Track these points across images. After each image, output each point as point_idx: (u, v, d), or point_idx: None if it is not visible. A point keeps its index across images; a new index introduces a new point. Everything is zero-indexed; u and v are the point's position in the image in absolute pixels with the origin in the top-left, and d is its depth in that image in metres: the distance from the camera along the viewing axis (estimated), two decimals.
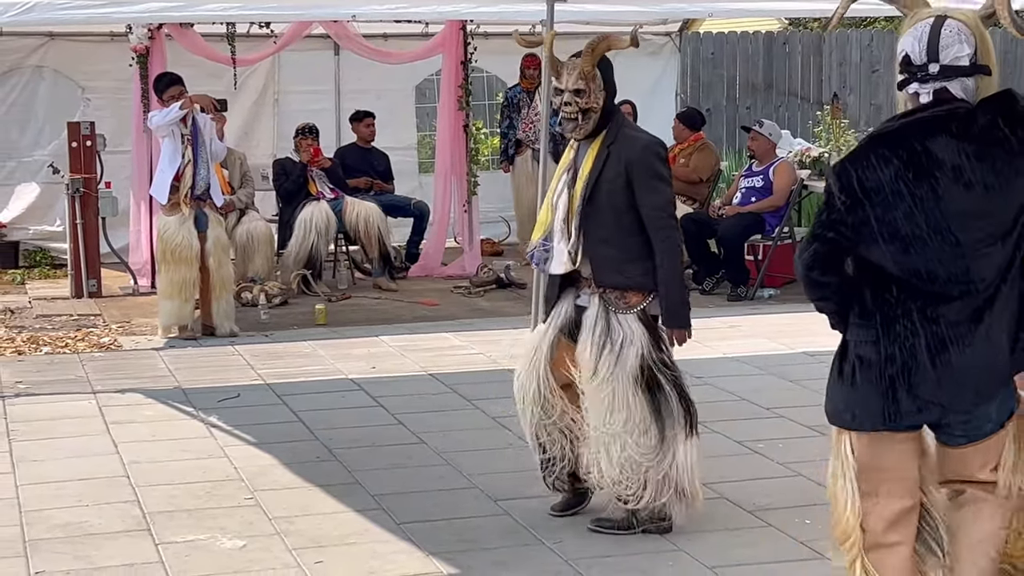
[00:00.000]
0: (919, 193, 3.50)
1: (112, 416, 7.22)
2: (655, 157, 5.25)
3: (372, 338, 9.22)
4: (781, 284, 11.05)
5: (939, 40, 3.57)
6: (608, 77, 5.35)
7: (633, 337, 5.23)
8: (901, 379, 3.60)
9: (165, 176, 9.09)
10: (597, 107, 5.30)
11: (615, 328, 5.24)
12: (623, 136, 5.30)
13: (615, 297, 5.27)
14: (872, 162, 3.55)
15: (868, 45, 16.78)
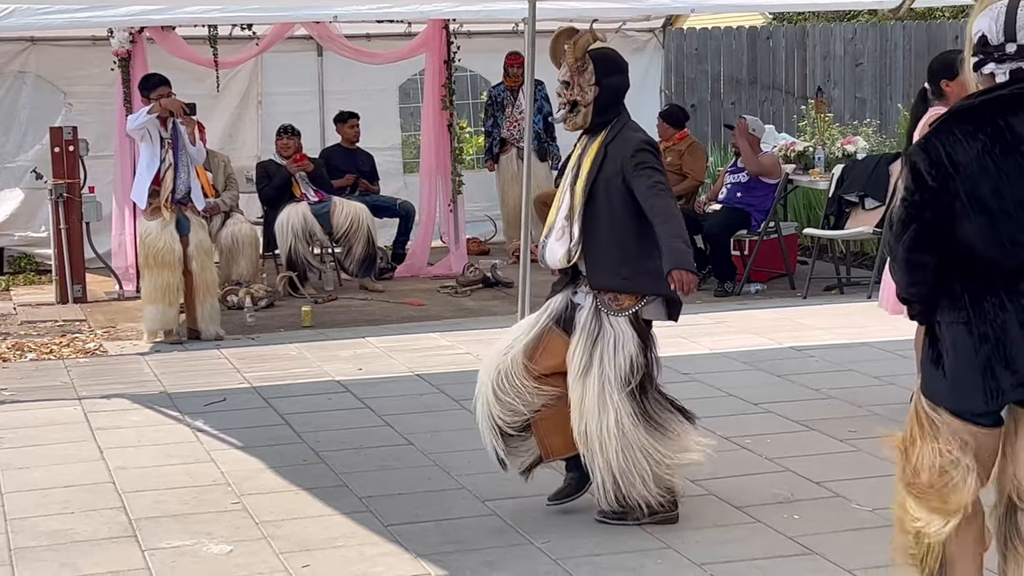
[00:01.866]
0: (1006, 168, 3.53)
1: (98, 422, 7.18)
2: (646, 153, 5.25)
3: (359, 339, 9.20)
4: (767, 279, 11.06)
5: (1016, 21, 3.59)
6: (605, 72, 5.33)
7: (624, 340, 5.24)
8: (997, 355, 3.60)
9: (143, 180, 9.07)
10: (585, 101, 5.31)
11: (606, 329, 5.25)
12: (620, 137, 5.31)
13: (609, 299, 5.28)
14: (958, 137, 3.58)
15: (852, 39, 16.78)
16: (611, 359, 5.22)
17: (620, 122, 5.36)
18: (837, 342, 8.76)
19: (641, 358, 5.27)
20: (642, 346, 5.28)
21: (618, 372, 5.21)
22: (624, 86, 5.42)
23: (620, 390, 5.22)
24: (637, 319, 5.28)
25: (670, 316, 5.40)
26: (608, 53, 5.43)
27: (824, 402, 7.28)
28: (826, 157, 11.40)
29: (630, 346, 5.24)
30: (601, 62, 5.34)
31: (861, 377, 7.79)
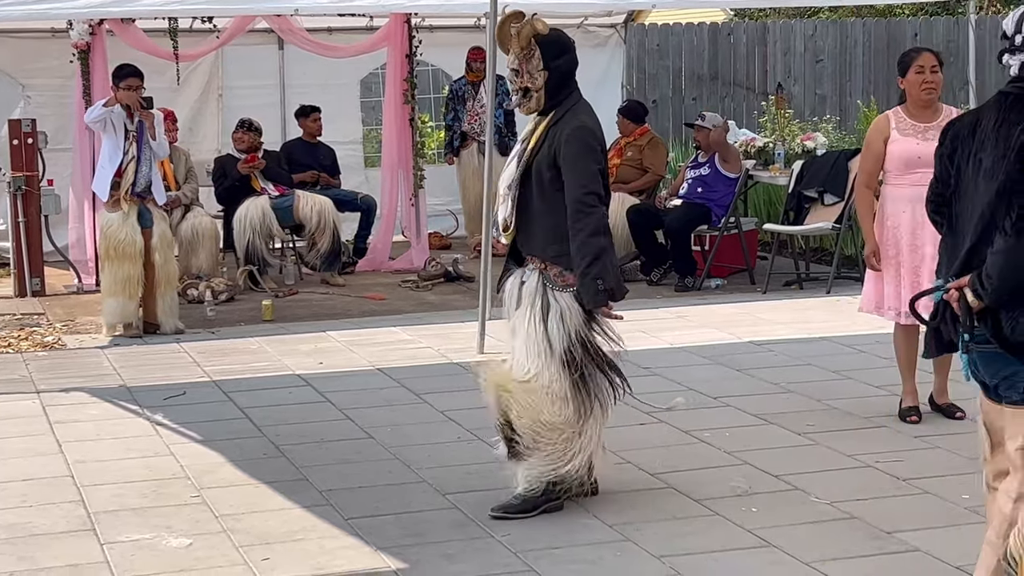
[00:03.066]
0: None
1: (56, 415, 7.15)
2: (580, 141, 5.28)
3: (319, 333, 9.19)
4: (727, 274, 11.11)
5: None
6: (553, 55, 5.37)
7: (570, 314, 5.31)
8: None
9: (105, 172, 9.02)
10: (535, 86, 5.37)
11: (552, 304, 5.33)
12: (565, 118, 5.36)
13: (554, 275, 5.35)
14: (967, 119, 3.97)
15: (812, 35, 16.87)
16: (557, 333, 5.31)
17: (569, 103, 5.40)
18: (796, 337, 8.81)
19: (586, 333, 5.34)
20: (588, 321, 5.35)
21: (563, 346, 5.29)
22: (573, 65, 5.46)
23: (562, 365, 5.29)
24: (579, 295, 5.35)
25: (610, 297, 5.38)
26: (553, 36, 5.47)
27: (783, 396, 7.32)
28: (786, 153, 11.46)
29: (576, 320, 5.31)
30: (548, 46, 5.39)
31: (819, 371, 7.85)
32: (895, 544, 5.08)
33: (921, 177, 6.37)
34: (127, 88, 8.92)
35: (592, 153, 5.30)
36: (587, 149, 5.29)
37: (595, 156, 5.31)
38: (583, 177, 5.25)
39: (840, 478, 5.89)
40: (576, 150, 5.27)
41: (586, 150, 5.28)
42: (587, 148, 5.29)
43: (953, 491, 5.60)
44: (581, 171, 5.25)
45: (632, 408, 7.04)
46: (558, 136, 5.31)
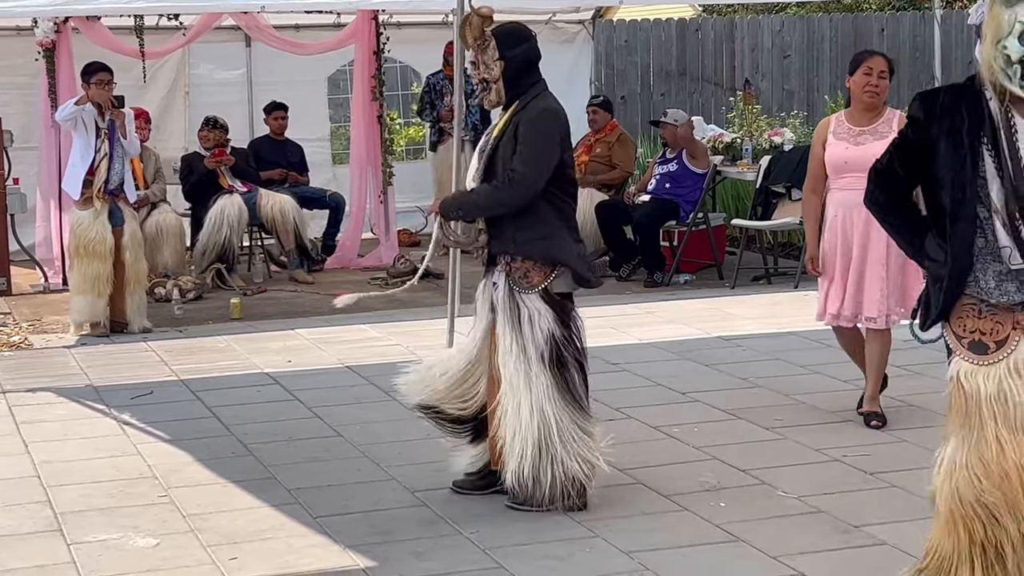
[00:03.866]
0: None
1: (22, 416, 7.11)
2: (536, 122, 5.30)
3: (288, 331, 9.17)
4: (696, 270, 11.13)
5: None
6: (507, 45, 5.37)
7: (539, 316, 5.32)
8: None
9: (77, 171, 8.97)
10: (492, 77, 5.39)
11: (521, 307, 5.35)
12: (529, 106, 5.37)
13: (519, 276, 5.37)
14: None
15: (779, 31, 16.92)
16: (531, 336, 5.31)
17: (534, 92, 5.40)
18: (764, 331, 8.84)
19: (560, 331, 5.34)
20: (559, 319, 5.35)
21: (538, 348, 5.30)
22: (531, 54, 5.45)
23: (540, 366, 5.30)
24: (548, 294, 5.36)
25: (579, 283, 5.43)
26: (509, 27, 5.49)
27: (751, 391, 7.34)
28: (754, 148, 11.49)
29: (546, 321, 5.32)
30: (502, 36, 5.40)
31: (788, 366, 7.87)
32: (862, 538, 5.10)
33: (851, 182, 6.41)
34: (98, 84, 8.89)
35: (546, 134, 5.30)
36: (547, 134, 5.31)
37: (552, 144, 5.31)
38: (530, 152, 5.26)
39: (808, 472, 5.91)
40: (530, 130, 5.29)
41: (543, 134, 5.30)
42: (547, 133, 5.31)
43: (920, 485, 5.58)
44: (534, 149, 5.27)
45: (600, 404, 7.06)
46: (520, 120, 5.33)
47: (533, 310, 5.33)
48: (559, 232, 5.36)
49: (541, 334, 5.31)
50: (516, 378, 5.33)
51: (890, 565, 4.83)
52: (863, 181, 6.18)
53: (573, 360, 5.38)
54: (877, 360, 6.62)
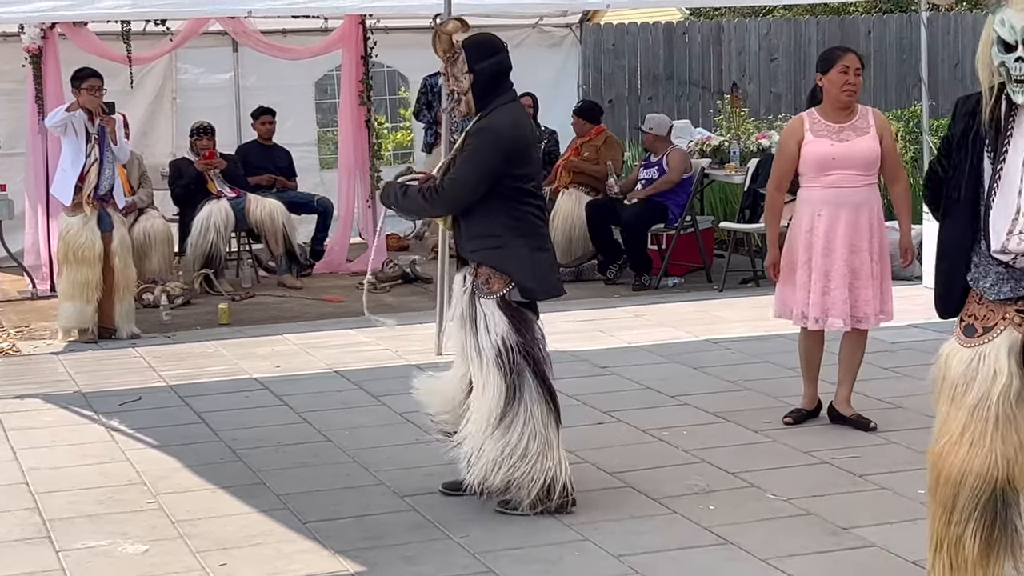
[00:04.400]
0: None
1: (10, 422, 7.09)
2: (477, 138, 5.35)
3: (276, 336, 9.15)
4: (684, 273, 11.14)
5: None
6: (477, 58, 5.40)
7: (494, 321, 5.37)
8: None
9: (68, 176, 8.96)
10: (462, 89, 5.43)
11: (479, 311, 5.40)
12: (480, 120, 5.42)
13: (482, 281, 5.43)
14: None
15: (766, 34, 16.95)
16: (486, 340, 5.37)
17: (496, 104, 5.43)
18: (753, 334, 8.85)
19: (514, 338, 5.37)
20: (514, 327, 5.38)
21: (493, 352, 5.35)
22: (501, 67, 5.47)
23: (495, 371, 5.34)
24: (505, 302, 5.39)
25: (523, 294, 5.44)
26: (480, 39, 5.51)
27: (740, 393, 7.35)
28: (741, 151, 11.50)
29: (500, 327, 5.36)
30: (472, 49, 5.42)
31: (776, 368, 7.88)
32: (851, 539, 5.10)
33: (837, 179, 6.40)
34: (88, 89, 8.88)
35: (487, 155, 5.32)
36: (482, 150, 5.33)
37: (489, 159, 5.32)
38: (463, 170, 5.34)
39: (797, 475, 5.92)
40: (472, 150, 5.34)
41: (481, 151, 5.33)
42: (483, 149, 5.33)
43: (908, 486, 5.64)
44: (467, 165, 5.34)
45: (590, 407, 7.08)
46: (467, 135, 5.43)
47: (489, 315, 5.38)
48: (512, 242, 5.38)
49: (495, 339, 5.35)
50: (477, 381, 5.42)
51: (880, 567, 4.85)
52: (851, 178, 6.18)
53: (529, 368, 5.39)
54: (859, 361, 6.62)
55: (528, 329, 5.42)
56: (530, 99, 12.39)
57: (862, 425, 6.53)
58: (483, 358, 5.37)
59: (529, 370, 5.39)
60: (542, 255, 5.47)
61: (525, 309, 5.44)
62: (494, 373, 5.35)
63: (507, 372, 5.34)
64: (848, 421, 6.58)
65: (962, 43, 17.13)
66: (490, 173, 5.32)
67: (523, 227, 5.41)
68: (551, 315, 9.52)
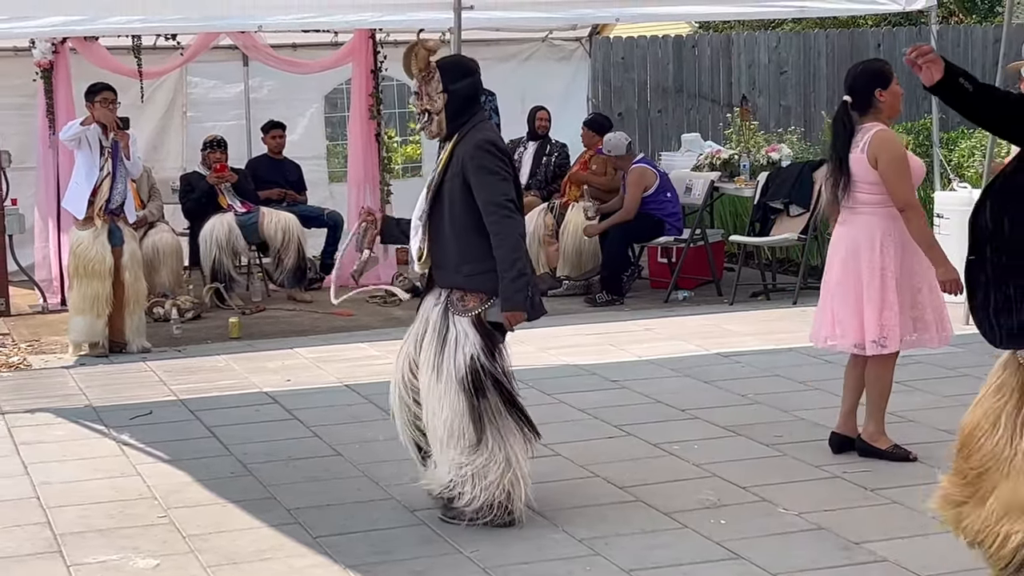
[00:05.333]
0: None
1: (21, 436, 7.10)
2: (485, 153, 5.34)
3: (287, 350, 9.16)
4: (694, 286, 11.13)
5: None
6: (452, 79, 5.43)
7: (465, 340, 5.37)
8: None
9: (82, 190, 8.97)
10: (435, 109, 5.45)
11: (451, 329, 5.40)
12: (466, 138, 5.42)
13: (456, 299, 5.43)
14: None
15: (776, 47, 16.95)
16: (452, 357, 5.37)
17: (471, 123, 5.45)
18: (763, 348, 8.84)
19: (484, 359, 5.37)
20: (486, 348, 5.39)
21: (457, 371, 5.35)
22: (474, 89, 5.50)
23: (458, 389, 5.34)
24: (480, 321, 5.40)
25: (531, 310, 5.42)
26: (455, 60, 5.59)
27: (750, 407, 7.34)
28: (751, 165, 11.50)
29: (471, 347, 5.36)
30: (447, 70, 5.46)
31: (787, 382, 7.87)
32: (863, 554, 5.09)
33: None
34: (102, 102, 8.91)
35: (500, 162, 5.34)
36: (495, 158, 5.34)
37: (502, 166, 5.34)
38: (496, 185, 5.30)
39: (808, 489, 5.90)
40: (483, 162, 5.32)
41: (494, 159, 5.33)
42: (494, 158, 5.34)
43: (920, 501, 5.61)
44: (491, 181, 5.30)
45: (600, 421, 7.07)
46: (461, 153, 5.38)
47: (461, 333, 5.38)
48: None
49: (462, 358, 5.35)
50: (426, 392, 5.44)
51: None
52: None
53: (493, 388, 5.39)
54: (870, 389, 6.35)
55: (497, 350, 5.43)
56: (545, 113, 12.42)
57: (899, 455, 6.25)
58: (444, 375, 5.35)
59: (496, 393, 5.38)
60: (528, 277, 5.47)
61: (496, 331, 5.43)
62: (456, 392, 5.33)
63: (471, 393, 5.34)
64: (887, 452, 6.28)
65: (972, 55, 17.12)
66: (510, 178, 5.36)
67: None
68: (561, 329, 9.61)
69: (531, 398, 7.62)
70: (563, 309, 10.50)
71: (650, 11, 11.90)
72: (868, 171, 6.07)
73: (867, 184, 6.09)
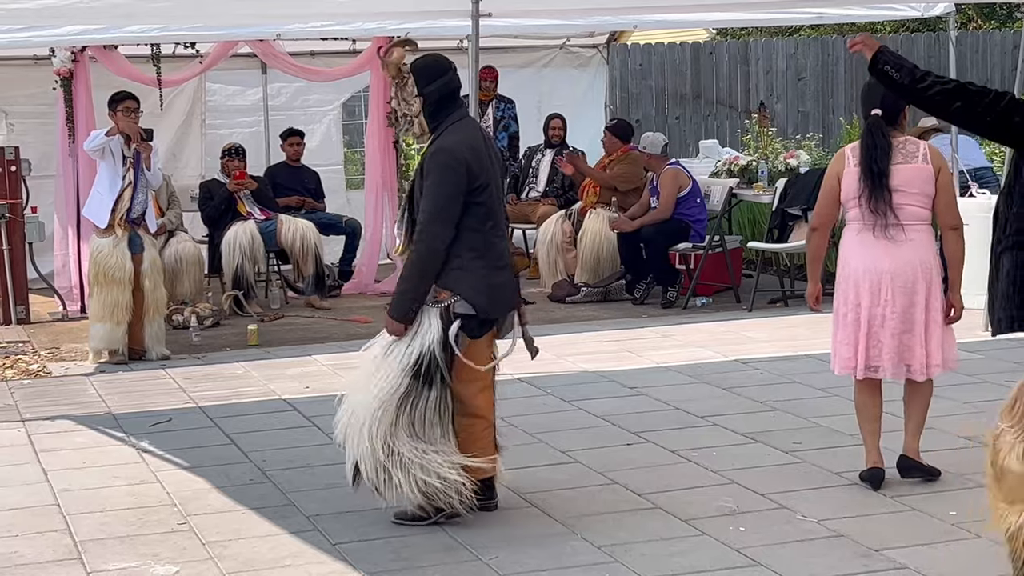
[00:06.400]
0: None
1: (42, 444, 7.13)
2: (433, 161, 5.44)
3: (305, 357, 9.18)
4: (713, 292, 11.12)
5: None
6: (425, 82, 5.52)
7: (427, 329, 5.45)
8: None
9: (104, 199, 9.01)
10: (412, 112, 5.55)
11: (419, 318, 5.48)
12: (435, 142, 5.52)
13: (432, 289, 5.49)
14: None
15: (794, 53, 16.93)
16: (407, 342, 5.45)
17: (445, 124, 5.53)
18: (782, 354, 8.83)
19: (440, 351, 5.44)
20: (444, 341, 5.44)
21: (409, 356, 5.42)
22: (448, 88, 5.56)
23: (400, 371, 5.41)
24: (448, 312, 5.46)
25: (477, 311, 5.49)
26: (427, 62, 5.62)
27: (769, 414, 7.33)
28: (769, 171, 11.49)
29: (429, 337, 5.44)
30: (420, 73, 5.55)
31: (805, 389, 7.86)
32: (882, 561, 5.08)
33: None
34: (124, 112, 8.96)
35: (442, 172, 5.39)
36: (439, 167, 5.40)
37: (450, 176, 5.39)
38: (431, 194, 5.40)
39: (827, 496, 5.89)
40: (431, 168, 5.43)
41: (437, 168, 5.40)
42: (442, 171, 5.40)
43: (940, 508, 5.61)
44: (430, 190, 5.41)
45: (618, 428, 7.07)
46: (426, 157, 5.51)
47: (425, 322, 5.45)
48: (471, 264, 5.46)
49: (419, 346, 5.42)
50: (362, 371, 5.53)
51: None
52: None
53: (440, 383, 5.45)
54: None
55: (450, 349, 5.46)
56: (560, 121, 12.44)
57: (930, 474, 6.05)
58: (388, 356, 5.44)
59: (440, 385, 5.44)
60: (499, 273, 5.53)
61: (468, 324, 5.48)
62: (397, 371, 5.40)
63: (412, 377, 5.40)
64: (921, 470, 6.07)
65: (991, 61, 17.08)
66: (454, 190, 5.39)
67: (482, 248, 5.48)
68: (579, 336, 9.61)
69: (549, 404, 7.66)
70: (581, 315, 10.50)
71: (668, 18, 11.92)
72: (929, 182, 5.83)
73: (923, 196, 5.84)
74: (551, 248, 11.53)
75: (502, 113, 12.68)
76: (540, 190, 12.46)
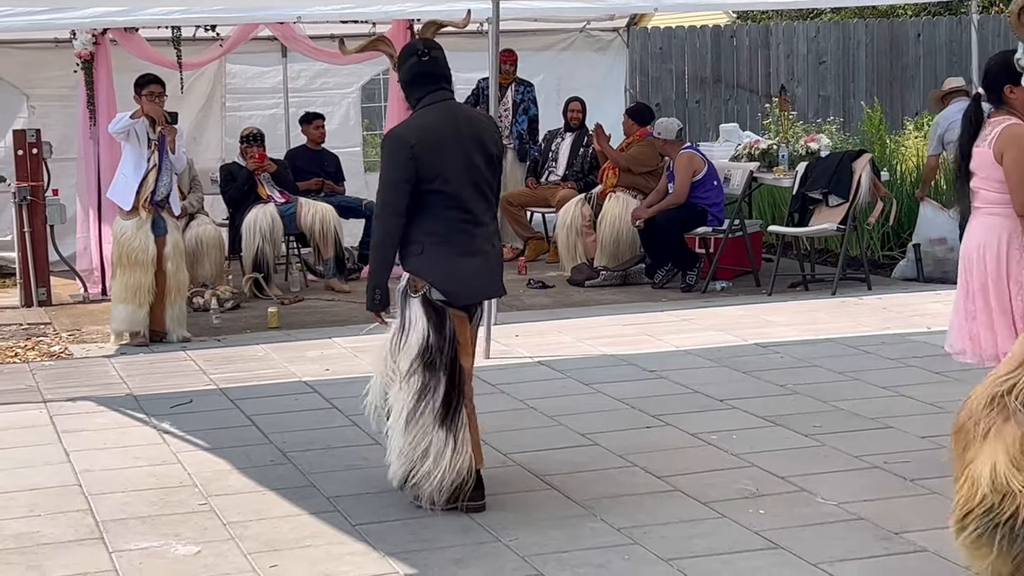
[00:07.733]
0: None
1: (63, 425, 7.16)
2: (384, 149, 5.53)
3: (325, 340, 9.20)
4: (733, 276, 11.11)
5: None
6: (399, 67, 5.62)
7: (416, 320, 5.50)
8: None
9: (129, 182, 9.03)
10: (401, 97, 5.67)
11: (405, 310, 5.55)
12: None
13: (407, 282, 5.57)
14: None
15: (815, 37, 16.87)
16: (406, 337, 5.51)
17: (418, 108, 5.58)
18: (801, 338, 8.81)
19: (435, 337, 5.47)
20: (436, 325, 5.49)
21: (408, 350, 5.48)
22: (415, 71, 5.59)
23: (407, 366, 5.48)
24: (427, 300, 5.50)
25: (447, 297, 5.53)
26: (405, 46, 5.72)
27: (789, 397, 7.32)
28: (790, 155, 11.45)
29: (420, 325, 5.48)
30: (399, 58, 5.66)
31: (825, 372, 7.85)
32: (903, 545, 5.08)
33: None
34: (149, 95, 8.98)
35: (390, 160, 5.44)
36: (387, 157, 5.47)
37: (394, 163, 5.42)
38: (380, 186, 5.49)
39: (847, 479, 5.89)
40: (381, 163, 5.53)
41: (386, 159, 5.47)
42: (387, 156, 5.47)
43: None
44: (382, 180, 5.49)
45: (638, 411, 7.07)
46: None
47: (412, 313, 5.51)
48: (432, 249, 5.48)
49: (416, 338, 5.47)
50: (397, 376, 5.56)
51: (931, 572, 4.82)
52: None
53: (444, 369, 5.48)
54: None
55: (447, 328, 5.49)
56: (579, 104, 12.43)
57: None
58: (407, 354, 5.48)
59: (444, 371, 5.47)
60: (467, 260, 5.51)
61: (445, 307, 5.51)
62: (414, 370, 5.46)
63: (423, 370, 5.45)
64: None
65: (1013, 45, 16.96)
66: (397, 176, 5.41)
67: (445, 233, 5.48)
68: (598, 319, 9.61)
69: (568, 387, 7.66)
70: (601, 299, 10.50)
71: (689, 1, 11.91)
72: (993, 167, 5.64)
73: (993, 181, 5.65)
74: (571, 232, 11.52)
75: (522, 96, 12.67)
76: (560, 174, 12.45)
